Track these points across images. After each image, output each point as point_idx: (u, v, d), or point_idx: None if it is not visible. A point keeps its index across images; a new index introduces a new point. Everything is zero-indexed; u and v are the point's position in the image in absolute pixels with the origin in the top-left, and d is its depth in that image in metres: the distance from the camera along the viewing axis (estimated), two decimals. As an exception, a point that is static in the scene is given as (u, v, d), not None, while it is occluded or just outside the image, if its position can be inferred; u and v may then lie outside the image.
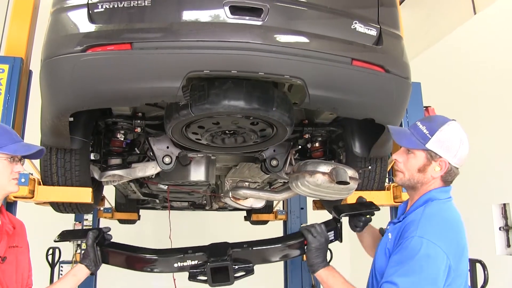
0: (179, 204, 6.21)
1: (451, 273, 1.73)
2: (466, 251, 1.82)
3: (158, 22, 2.12)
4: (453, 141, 1.88)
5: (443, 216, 1.85)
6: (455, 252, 1.75)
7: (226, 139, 2.74)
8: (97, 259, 2.26)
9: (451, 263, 1.72)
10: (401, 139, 1.99)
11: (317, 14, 2.30)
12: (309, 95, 2.17)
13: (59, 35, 2.21)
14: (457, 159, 1.90)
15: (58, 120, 2.30)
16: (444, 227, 1.80)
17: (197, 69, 2.07)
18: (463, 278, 1.81)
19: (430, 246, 1.71)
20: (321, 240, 2.11)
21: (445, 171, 1.90)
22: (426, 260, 1.70)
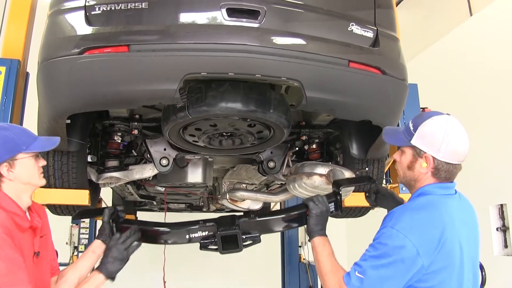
0: (176, 206, 6.20)
1: (422, 269, 1.72)
2: (448, 246, 1.75)
3: (155, 25, 2.13)
4: (436, 136, 1.83)
5: (425, 210, 1.81)
6: (428, 246, 1.72)
7: (223, 141, 2.74)
8: (113, 234, 2.28)
9: (422, 258, 1.70)
10: (389, 137, 2.02)
11: (314, 16, 2.30)
12: (306, 97, 2.18)
13: (56, 37, 2.21)
14: (444, 154, 1.83)
15: (55, 122, 2.30)
16: (420, 221, 1.77)
17: (194, 71, 2.07)
18: (448, 273, 1.76)
19: (400, 237, 1.71)
20: (322, 209, 2.13)
21: (432, 166, 1.86)
22: (392, 250, 1.71)
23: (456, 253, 1.78)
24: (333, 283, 1.82)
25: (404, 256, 1.70)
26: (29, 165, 1.91)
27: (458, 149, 1.84)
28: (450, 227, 1.77)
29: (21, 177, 1.88)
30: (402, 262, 1.70)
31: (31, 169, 1.92)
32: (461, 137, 1.85)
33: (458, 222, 1.82)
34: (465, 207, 1.94)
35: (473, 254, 1.90)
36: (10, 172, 1.85)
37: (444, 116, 1.88)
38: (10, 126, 1.96)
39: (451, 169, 1.86)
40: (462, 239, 1.81)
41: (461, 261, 1.79)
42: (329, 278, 1.86)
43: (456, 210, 1.86)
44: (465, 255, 1.81)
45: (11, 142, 1.86)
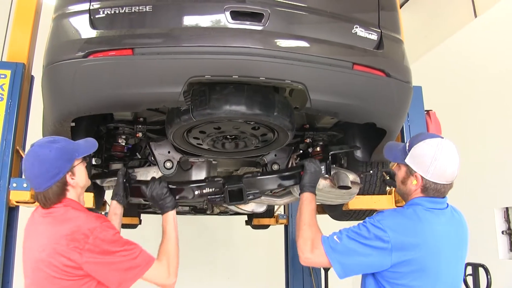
0: (180, 208, 6.19)
1: (387, 266, 1.90)
2: (422, 256, 1.91)
3: (159, 28, 2.13)
4: (425, 158, 1.99)
5: (410, 220, 1.97)
6: (401, 249, 1.89)
7: (227, 144, 2.74)
8: (126, 193, 2.48)
9: (391, 257, 1.89)
10: (388, 152, 2.20)
11: (317, 19, 2.30)
12: (310, 99, 2.17)
13: (61, 41, 2.21)
14: (431, 175, 1.99)
15: (60, 126, 2.31)
16: (403, 226, 1.94)
17: (198, 74, 2.07)
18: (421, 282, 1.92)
19: (382, 230, 1.91)
20: (316, 168, 2.37)
21: (421, 184, 2.03)
22: (371, 236, 1.91)
23: (431, 264, 1.93)
24: (308, 235, 2.06)
25: (378, 246, 1.89)
26: (82, 169, 2.08)
27: (445, 172, 1.99)
28: (429, 241, 1.93)
29: (80, 182, 2.06)
30: (375, 249, 1.90)
31: (84, 173, 2.09)
32: (449, 161, 1.99)
33: (442, 237, 1.97)
34: (454, 222, 2.09)
35: (455, 268, 2.05)
36: (73, 179, 2.01)
37: (436, 140, 2.03)
38: (55, 139, 2.05)
39: (439, 187, 2.01)
40: (442, 253, 1.96)
41: (436, 272, 1.94)
42: (305, 230, 2.10)
43: (443, 224, 2.01)
44: (443, 267, 1.96)
45: (67, 151, 2.00)
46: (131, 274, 1.91)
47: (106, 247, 1.87)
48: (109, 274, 1.89)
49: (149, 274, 1.96)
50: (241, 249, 9.44)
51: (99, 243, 1.86)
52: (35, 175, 1.96)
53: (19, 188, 2.81)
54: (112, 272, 1.89)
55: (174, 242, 2.17)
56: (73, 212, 1.97)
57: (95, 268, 1.87)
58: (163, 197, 2.32)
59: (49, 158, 1.95)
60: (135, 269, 1.91)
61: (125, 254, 1.90)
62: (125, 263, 1.89)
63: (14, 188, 2.80)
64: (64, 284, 1.88)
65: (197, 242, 9.18)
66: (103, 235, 1.89)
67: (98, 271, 1.88)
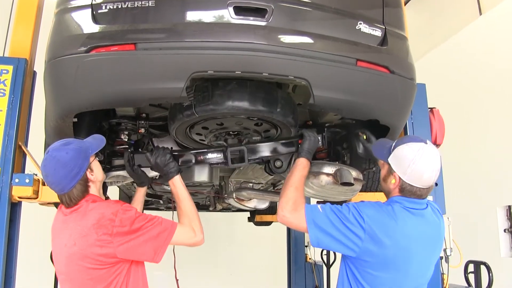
0: None
1: (354, 252, 2.00)
2: (392, 252, 2.00)
3: (162, 23, 2.11)
4: (404, 160, 2.05)
5: (388, 217, 2.03)
6: (372, 241, 1.98)
7: (230, 140, 2.73)
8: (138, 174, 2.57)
9: (361, 244, 1.98)
10: (376, 150, 2.27)
11: (321, 15, 2.28)
12: (314, 95, 2.16)
13: (63, 36, 2.20)
14: (408, 177, 2.06)
15: (62, 121, 2.29)
16: (381, 221, 2.01)
17: (201, 70, 2.06)
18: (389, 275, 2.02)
19: (360, 217, 2.00)
20: (315, 137, 2.45)
21: (398, 184, 2.10)
22: (351, 217, 2.00)
23: (401, 263, 2.02)
24: (291, 196, 2.16)
25: (354, 230, 1.98)
26: (97, 164, 2.20)
27: (422, 176, 2.05)
28: (400, 242, 2.00)
29: (98, 177, 2.18)
30: (350, 232, 1.98)
31: (99, 168, 2.22)
32: (427, 167, 2.04)
33: (414, 239, 2.04)
34: (431, 223, 2.13)
35: (426, 267, 2.14)
36: (92, 175, 2.13)
37: (419, 145, 2.07)
38: (68, 141, 2.14)
39: (415, 190, 2.08)
40: (414, 254, 2.04)
41: (406, 270, 2.04)
42: (291, 191, 2.19)
43: (418, 225, 2.07)
44: (414, 266, 2.06)
45: (82, 150, 2.10)
46: (162, 239, 2.04)
47: (133, 225, 2.00)
48: (142, 248, 2.01)
49: (177, 236, 2.09)
50: (244, 245, 9.44)
51: (125, 223, 1.99)
52: (60, 178, 2.05)
53: (21, 184, 2.82)
54: (145, 244, 2.01)
55: (189, 202, 2.29)
56: (94, 204, 2.09)
57: (128, 248, 1.99)
58: (167, 163, 2.35)
59: (68, 159, 2.04)
60: (163, 233, 2.05)
61: (150, 224, 2.03)
62: (153, 230, 2.02)
63: (16, 183, 2.81)
64: (98, 273, 2.02)
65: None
66: (127, 215, 2.02)
67: (131, 250, 2.01)
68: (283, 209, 2.14)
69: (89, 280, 2.05)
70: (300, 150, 2.41)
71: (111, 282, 2.05)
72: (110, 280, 2.05)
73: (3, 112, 2.97)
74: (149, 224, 2.03)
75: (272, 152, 2.57)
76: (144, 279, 2.22)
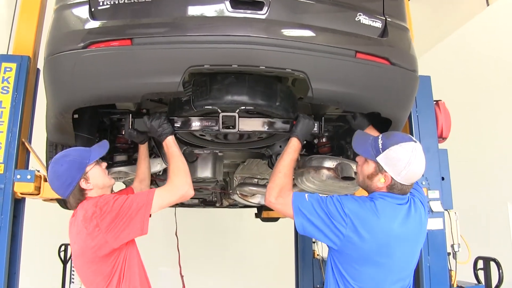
0: (190, 201, 6.19)
1: (335, 244, 2.03)
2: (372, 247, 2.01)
3: (158, 18, 2.11)
4: (400, 162, 2.03)
5: (370, 213, 2.03)
6: (352, 235, 2.00)
7: (230, 135, 2.72)
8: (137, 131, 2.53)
9: (344, 238, 2.00)
10: (359, 146, 2.20)
11: (320, 7, 2.26)
12: (312, 89, 2.13)
13: (62, 32, 2.20)
14: (402, 177, 2.05)
15: (62, 117, 2.30)
16: (362, 217, 2.01)
17: (197, 64, 2.04)
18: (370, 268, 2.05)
19: (342, 212, 2.01)
20: (310, 122, 2.45)
21: (389, 183, 2.09)
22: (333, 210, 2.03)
23: (381, 259, 2.04)
24: (279, 182, 2.22)
25: (335, 223, 2.01)
26: (97, 172, 2.28)
27: (414, 176, 2.07)
28: (380, 238, 2.02)
29: (98, 183, 2.28)
30: (331, 223, 2.02)
31: (100, 175, 2.30)
32: (420, 166, 2.06)
33: (395, 235, 2.05)
34: (412, 217, 2.12)
35: (408, 261, 2.15)
36: (88, 184, 2.24)
37: (411, 145, 2.06)
38: (68, 152, 2.29)
39: (404, 188, 2.09)
40: (395, 250, 2.05)
41: (389, 266, 2.06)
42: (279, 177, 2.24)
43: (400, 220, 2.08)
44: (396, 261, 2.07)
45: (76, 163, 2.22)
46: (142, 212, 2.10)
47: (113, 207, 2.09)
48: (129, 227, 2.08)
49: (158, 201, 2.16)
50: (251, 241, 9.43)
51: (105, 209, 2.09)
52: (57, 187, 2.25)
53: (23, 180, 2.84)
54: (130, 223, 2.08)
55: (177, 159, 2.31)
56: (84, 202, 2.24)
57: (116, 232, 2.08)
58: (161, 124, 2.38)
59: (62, 171, 2.21)
60: (142, 205, 2.11)
61: (130, 200, 2.12)
62: (132, 207, 2.09)
63: (18, 179, 2.83)
64: (96, 266, 2.16)
65: (206, 234, 9.21)
66: (105, 200, 2.14)
67: (119, 233, 2.08)
68: (269, 195, 2.21)
69: (91, 274, 2.20)
70: (293, 130, 2.41)
71: (109, 273, 2.17)
72: (107, 272, 2.17)
73: (7, 109, 3.00)
74: (128, 201, 2.11)
75: (264, 127, 2.48)
76: (141, 269, 2.30)
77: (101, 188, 2.30)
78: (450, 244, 3.38)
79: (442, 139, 3.49)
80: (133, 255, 2.25)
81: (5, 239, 2.81)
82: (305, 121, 2.41)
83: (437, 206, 3.32)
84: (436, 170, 3.35)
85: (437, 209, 3.32)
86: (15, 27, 3.40)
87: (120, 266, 2.18)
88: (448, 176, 3.41)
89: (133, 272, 2.23)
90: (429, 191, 3.31)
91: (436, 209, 3.31)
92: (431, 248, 3.29)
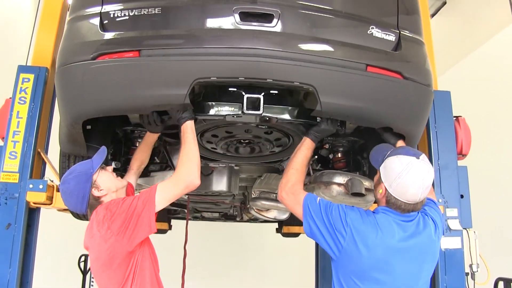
0: (210, 215, 6.17)
1: (334, 253, 2.01)
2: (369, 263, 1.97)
3: (167, 30, 2.12)
4: (392, 172, 2.01)
5: (372, 227, 1.99)
6: (351, 247, 1.96)
7: (241, 149, 2.69)
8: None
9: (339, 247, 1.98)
10: (373, 155, 2.20)
11: (330, 20, 2.23)
12: (321, 102, 2.08)
13: (72, 43, 2.24)
14: (393, 190, 2.01)
15: (72, 128, 2.32)
16: (363, 230, 1.98)
17: (204, 76, 2.03)
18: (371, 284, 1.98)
19: (344, 222, 1.99)
20: (329, 126, 2.35)
21: (384, 195, 2.05)
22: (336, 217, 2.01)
23: (381, 276, 1.98)
24: (292, 178, 2.23)
25: (337, 232, 1.99)
26: (105, 177, 2.27)
27: (407, 192, 1.99)
28: (379, 255, 1.97)
29: (111, 187, 2.27)
30: (334, 231, 2.00)
31: (109, 178, 2.29)
32: (413, 183, 1.98)
33: (396, 252, 1.99)
34: (419, 235, 2.04)
35: (414, 279, 2.05)
36: (101, 191, 2.23)
37: (409, 159, 2.01)
38: (71, 170, 2.29)
39: (399, 204, 2.02)
40: (395, 267, 1.98)
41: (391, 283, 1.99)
42: (292, 173, 2.25)
43: (404, 238, 2.00)
44: (399, 279, 2.00)
45: (82, 175, 2.22)
46: (148, 205, 2.09)
47: (122, 209, 2.08)
48: (138, 224, 2.07)
49: (162, 196, 2.13)
50: (272, 257, 9.34)
51: (115, 210, 2.09)
52: (73, 205, 2.26)
53: (35, 189, 2.87)
54: (138, 220, 2.07)
55: (190, 146, 2.21)
56: (97, 207, 2.23)
57: (128, 231, 2.07)
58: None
59: (72, 188, 2.21)
60: (147, 198, 2.10)
61: (136, 200, 2.10)
62: (139, 202, 2.09)
63: (30, 189, 2.86)
64: (110, 271, 2.14)
65: (227, 248, 9.16)
66: (115, 202, 2.14)
67: (131, 232, 2.07)
68: (282, 190, 2.23)
69: (106, 278, 2.19)
70: (311, 130, 2.37)
71: (122, 278, 2.15)
72: (121, 277, 2.15)
73: (23, 119, 3.05)
74: (134, 202, 2.10)
75: (287, 115, 2.35)
76: (152, 272, 2.26)
77: (115, 191, 2.29)
78: (469, 264, 3.25)
79: (462, 156, 3.38)
80: (145, 257, 2.22)
81: (18, 248, 2.84)
82: (324, 123, 2.34)
83: (455, 225, 3.19)
84: (455, 187, 3.23)
85: (455, 227, 3.19)
86: (34, 38, 3.47)
87: (133, 270, 2.16)
88: (468, 194, 3.29)
89: (144, 275, 2.20)
90: (447, 209, 3.19)
91: (454, 227, 3.19)
92: (448, 267, 3.16)
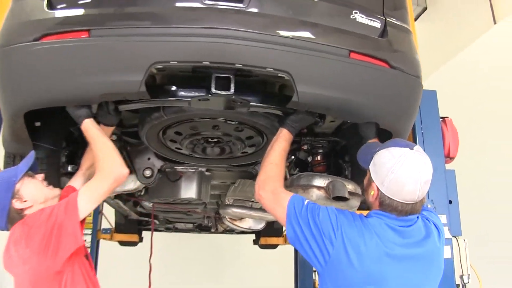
0: (184, 226, 5.90)
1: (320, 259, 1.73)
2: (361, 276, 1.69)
3: (121, 7, 1.83)
4: (383, 168, 1.75)
5: (364, 232, 1.73)
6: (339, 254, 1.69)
7: (209, 149, 2.43)
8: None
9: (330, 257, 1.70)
10: (360, 154, 1.94)
11: (310, 1, 1.98)
12: (297, 92, 1.82)
13: (15, 22, 1.92)
14: (386, 188, 1.74)
15: (13, 122, 2.01)
16: (353, 237, 1.71)
17: (163, 60, 1.75)
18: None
19: (333, 227, 1.72)
20: (307, 116, 2.12)
21: (376, 196, 1.79)
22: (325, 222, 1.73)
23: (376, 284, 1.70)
24: (270, 174, 1.97)
25: (324, 236, 1.72)
26: (31, 186, 1.97)
27: (402, 189, 1.72)
28: (371, 268, 1.69)
29: (36, 199, 1.96)
30: (320, 234, 1.73)
31: (36, 188, 1.99)
32: (408, 177, 1.72)
33: (391, 262, 1.71)
34: (420, 241, 1.79)
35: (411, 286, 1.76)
36: (24, 202, 1.93)
37: (402, 150, 1.75)
38: None
39: (395, 205, 1.75)
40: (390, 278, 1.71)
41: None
42: (270, 169, 1.99)
43: (402, 245, 1.75)
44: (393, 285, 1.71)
45: (3, 183, 1.94)
46: (71, 211, 1.86)
47: (40, 221, 1.84)
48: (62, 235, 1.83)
49: (90, 192, 1.93)
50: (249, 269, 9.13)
51: (32, 224, 1.85)
52: None
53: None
54: (61, 229, 1.83)
55: (100, 141, 2.00)
56: None
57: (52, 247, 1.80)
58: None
59: None
60: (69, 205, 1.87)
61: (56, 207, 1.88)
62: (61, 211, 1.85)
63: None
64: None
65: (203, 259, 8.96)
66: (32, 217, 1.89)
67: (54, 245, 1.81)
68: (260, 188, 1.97)
69: None
70: (287, 119, 2.10)
71: None
72: None
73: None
74: (54, 212, 1.85)
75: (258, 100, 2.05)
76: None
77: (43, 202, 1.98)
78: (459, 274, 3.06)
79: (449, 159, 3.21)
80: (77, 274, 1.94)
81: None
82: (302, 114, 2.09)
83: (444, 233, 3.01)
84: (443, 192, 3.04)
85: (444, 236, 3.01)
86: None
87: None
88: (456, 199, 3.11)
89: None
90: (435, 215, 3.01)
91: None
92: (437, 280, 2.96)
